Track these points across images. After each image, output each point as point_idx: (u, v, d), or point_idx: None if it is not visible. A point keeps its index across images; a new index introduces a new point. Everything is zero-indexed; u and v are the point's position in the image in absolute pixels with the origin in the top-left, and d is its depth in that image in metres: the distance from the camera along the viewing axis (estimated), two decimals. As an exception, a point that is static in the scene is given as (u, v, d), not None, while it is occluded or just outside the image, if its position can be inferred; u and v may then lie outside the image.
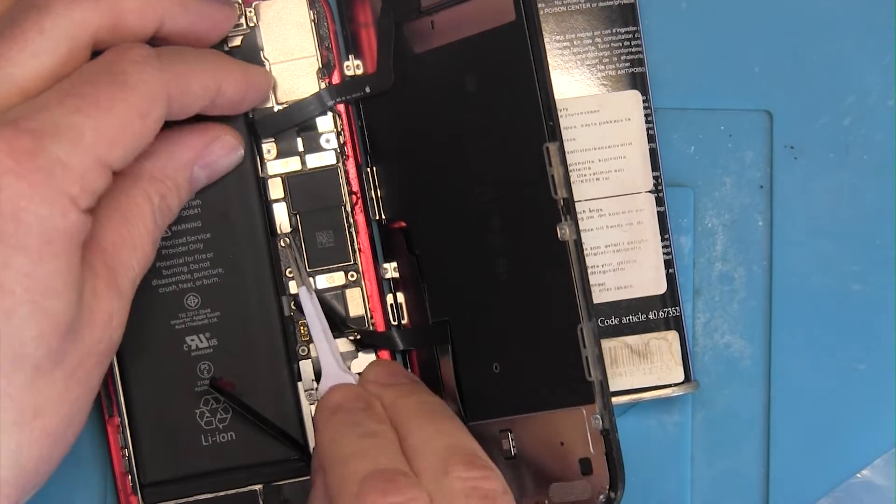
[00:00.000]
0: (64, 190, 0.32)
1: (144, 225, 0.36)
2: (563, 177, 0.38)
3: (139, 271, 0.36)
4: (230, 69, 0.39)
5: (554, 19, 0.43)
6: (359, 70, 0.43)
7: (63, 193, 0.32)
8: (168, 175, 0.38)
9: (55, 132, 0.32)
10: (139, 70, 0.34)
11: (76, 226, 0.33)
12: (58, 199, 0.32)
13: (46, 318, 0.32)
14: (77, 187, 0.32)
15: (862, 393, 0.45)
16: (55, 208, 0.32)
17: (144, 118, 0.34)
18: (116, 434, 0.42)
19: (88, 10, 0.35)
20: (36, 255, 0.32)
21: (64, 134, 0.32)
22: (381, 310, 0.43)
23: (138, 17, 0.36)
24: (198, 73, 0.37)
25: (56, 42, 0.34)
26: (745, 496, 0.45)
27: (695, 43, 0.45)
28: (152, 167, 0.37)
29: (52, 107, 0.33)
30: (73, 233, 0.33)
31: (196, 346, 0.42)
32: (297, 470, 0.42)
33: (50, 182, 0.32)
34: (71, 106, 0.33)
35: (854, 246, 0.45)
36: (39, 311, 0.32)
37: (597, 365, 0.38)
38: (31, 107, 0.33)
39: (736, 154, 0.45)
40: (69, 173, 0.32)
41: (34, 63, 0.34)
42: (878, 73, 0.45)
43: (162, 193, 0.37)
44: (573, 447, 0.39)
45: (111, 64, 0.35)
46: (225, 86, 0.38)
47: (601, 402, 0.38)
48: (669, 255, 0.43)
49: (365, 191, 0.43)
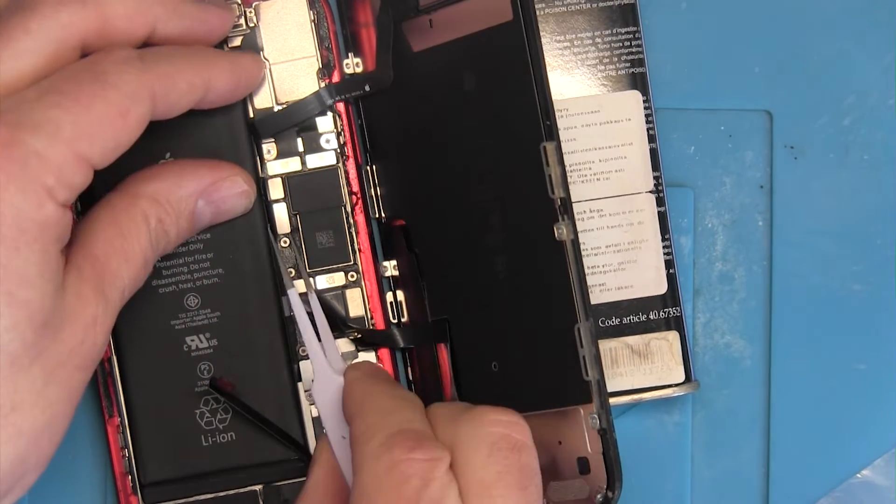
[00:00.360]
0: (40, 180, 0.32)
1: (139, 242, 0.37)
2: (561, 176, 0.38)
3: (128, 284, 0.36)
4: (218, 63, 0.39)
5: (554, 19, 0.43)
6: (358, 68, 0.43)
7: (39, 184, 0.32)
8: (170, 201, 0.38)
9: (33, 125, 0.32)
10: (121, 70, 0.35)
11: (52, 218, 0.33)
12: (33, 189, 0.32)
13: (21, 309, 0.32)
14: (53, 178, 0.32)
15: (862, 393, 0.45)
16: (30, 198, 0.32)
17: (125, 116, 0.34)
18: (116, 434, 0.42)
19: (75, 13, 0.35)
20: (10, 245, 0.32)
21: (42, 127, 0.32)
22: (381, 309, 0.43)
23: (127, 21, 0.36)
24: (184, 71, 0.37)
25: (41, 43, 0.34)
26: (745, 496, 0.45)
27: (695, 43, 0.45)
28: (155, 190, 0.38)
29: (31, 101, 0.33)
30: (50, 225, 0.33)
31: (196, 347, 0.42)
32: (297, 470, 0.42)
33: (25, 172, 0.32)
34: (50, 101, 0.33)
35: (854, 246, 0.45)
36: (14, 301, 0.32)
37: (594, 364, 0.38)
38: (9, 101, 0.33)
39: (736, 154, 0.45)
40: (45, 164, 0.32)
41: (18, 63, 0.34)
42: (878, 73, 0.45)
43: (160, 217, 0.37)
44: (571, 446, 0.39)
45: (93, 64, 0.35)
46: (214, 81, 0.38)
47: (598, 401, 0.38)
48: (670, 255, 0.43)
49: (365, 189, 0.43)
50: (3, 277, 0.32)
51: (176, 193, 0.38)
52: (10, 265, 0.32)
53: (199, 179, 0.39)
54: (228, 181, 0.40)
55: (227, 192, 0.40)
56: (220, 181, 0.40)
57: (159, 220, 0.37)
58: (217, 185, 0.40)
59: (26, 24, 0.34)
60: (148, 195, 0.37)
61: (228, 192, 0.40)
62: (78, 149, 0.33)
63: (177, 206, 0.38)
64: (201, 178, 0.39)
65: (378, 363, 0.43)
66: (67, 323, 0.34)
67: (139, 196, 0.37)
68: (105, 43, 0.36)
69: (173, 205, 0.38)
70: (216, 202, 0.40)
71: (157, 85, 0.35)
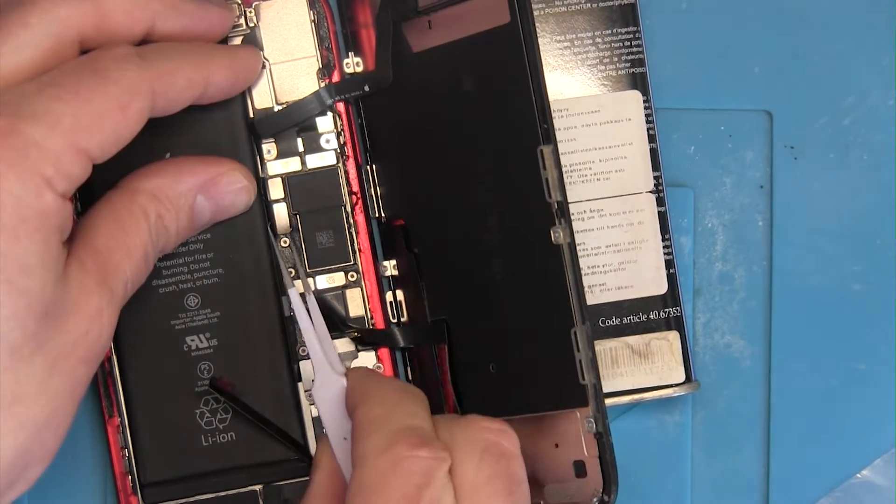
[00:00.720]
0: (38, 170, 0.32)
1: (140, 237, 0.37)
2: (558, 180, 0.38)
3: (131, 278, 0.36)
4: (216, 59, 0.39)
5: (554, 19, 0.43)
6: (359, 68, 0.43)
7: (38, 173, 0.32)
8: (169, 197, 0.38)
9: (32, 116, 0.33)
10: (120, 66, 0.35)
11: (52, 208, 0.33)
12: (32, 178, 0.32)
13: (21, 298, 0.32)
14: (52, 169, 0.33)
15: (862, 393, 0.45)
16: (29, 187, 0.32)
17: (124, 110, 0.34)
18: (116, 434, 0.42)
19: (74, 8, 0.35)
20: (10, 234, 0.32)
21: (41, 118, 0.33)
22: (381, 309, 0.43)
23: (125, 17, 0.36)
24: (182, 67, 0.37)
25: (40, 37, 0.35)
26: (745, 496, 0.45)
27: (695, 43, 0.45)
28: (154, 186, 0.38)
29: (30, 94, 0.33)
30: (49, 214, 0.33)
31: (196, 347, 0.42)
32: (297, 470, 0.42)
33: (24, 162, 0.32)
34: (50, 94, 0.33)
35: (854, 246, 0.45)
36: (14, 289, 0.32)
37: (590, 368, 0.38)
38: (9, 94, 0.33)
39: (736, 154, 0.45)
40: (44, 154, 0.32)
41: (17, 57, 0.34)
42: (878, 73, 0.45)
43: (159, 213, 0.38)
44: (567, 449, 0.39)
45: (93, 60, 0.35)
46: (213, 76, 0.38)
47: (594, 405, 0.38)
48: (670, 255, 0.43)
49: (364, 189, 0.43)
50: (3, 266, 0.32)
51: (174, 189, 0.38)
52: (9, 253, 0.32)
53: (196, 175, 0.39)
54: (227, 176, 0.40)
55: (226, 188, 0.40)
56: (218, 176, 0.40)
57: (159, 216, 0.38)
58: (215, 181, 0.40)
59: (25, 19, 0.34)
60: (147, 191, 0.38)
61: (227, 188, 0.40)
62: (76, 141, 0.33)
63: (176, 201, 0.38)
64: (198, 173, 0.39)
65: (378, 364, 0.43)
66: (71, 313, 0.34)
67: (138, 192, 0.37)
68: (103, 38, 0.36)
69: (172, 200, 0.38)
70: (215, 198, 0.40)
71: (156, 81, 0.36)
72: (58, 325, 0.33)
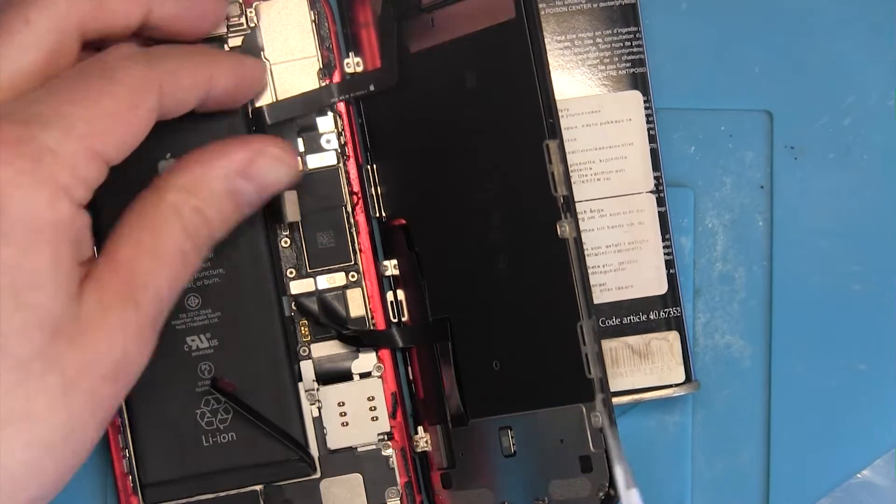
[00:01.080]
0: (53, 178, 0.32)
1: (172, 237, 0.35)
2: (563, 174, 0.38)
3: (166, 284, 0.35)
4: (220, 61, 0.39)
5: (555, 19, 0.43)
6: (359, 67, 0.43)
7: (52, 181, 0.32)
8: (201, 187, 0.36)
9: (45, 122, 0.32)
10: (127, 65, 0.35)
11: (67, 217, 0.32)
12: (47, 186, 0.31)
13: (31, 312, 0.31)
14: (67, 175, 0.32)
15: (862, 393, 0.45)
16: (43, 196, 0.31)
17: (135, 109, 0.34)
18: (117, 434, 0.42)
19: None
20: (22, 247, 0.31)
21: (54, 123, 0.32)
22: (382, 309, 0.43)
23: (123, 3, 0.36)
24: (187, 67, 0.37)
25: (42, 33, 0.34)
26: (745, 496, 0.45)
27: (695, 43, 0.45)
28: (183, 180, 0.36)
29: (41, 100, 0.33)
30: (63, 225, 0.32)
31: (196, 347, 0.42)
32: (298, 470, 0.42)
33: (38, 169, 0.31)
34: (60, 98, 0.33)
35: (854, 246, 0.45)
36: (24, 305, 0.31)
37: (596, 362, 0.38)
38: (19, 101, 0.33)
39: (736, 154, 0.45)
40: (59, 160, 0.32)
41: (22, 56, 0.34)
42: (878, 73, 0.45)
43: (194, 205, 0.36)
44: (573, 445, 0.39)
45: (99, 61, 0.35)
46: (216, 77, 0.38)
47: (601, 399, 0.38)
48: (670, 255, 0.43)
49: (365, 188, 0.43)
50: (13, 280, 0.31)
51: (208, 177, 0.36)
52: (20, 267, 0.31)
53: (229, 157, 0.37)
54: (262, 155, 0.37)
55: (264, 165, 0.37)
56: (253, 156, 0.37)
57: (196, 209, 0.36)
58: (253, 160, 0.37)
59: (26, 15, 0.34)
60: (176, 186, 0.36)
61: (264, 164, 0.37)
62: (91, 144, 0.33)
63: (210, 188, 0.36)
64: (230, 155, 0.37)
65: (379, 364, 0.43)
66: (88, 330, 0.32)
67: (165, 189, 0.35)
68: (101, 25, 0.36)
69: (206, 189, 0.36)
70: (254, 177, 0.37)
71: (163, 80, 0.35)
72: (73, 343, 0.32)
